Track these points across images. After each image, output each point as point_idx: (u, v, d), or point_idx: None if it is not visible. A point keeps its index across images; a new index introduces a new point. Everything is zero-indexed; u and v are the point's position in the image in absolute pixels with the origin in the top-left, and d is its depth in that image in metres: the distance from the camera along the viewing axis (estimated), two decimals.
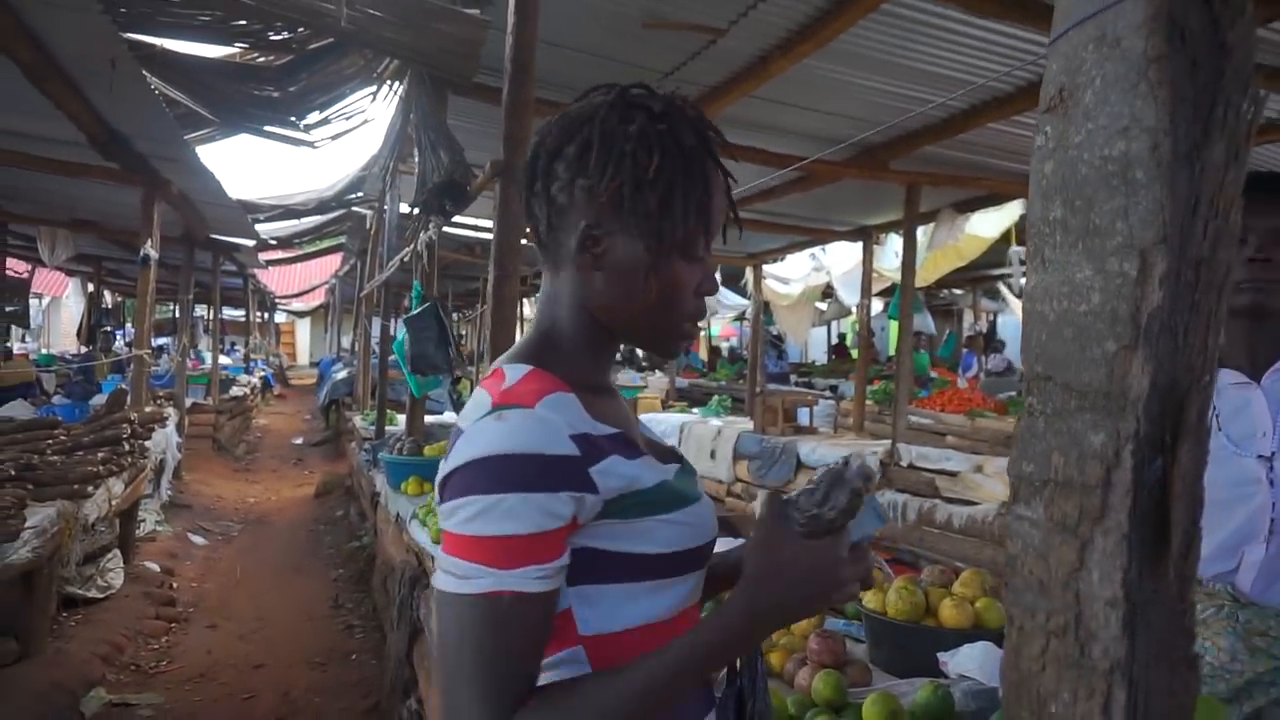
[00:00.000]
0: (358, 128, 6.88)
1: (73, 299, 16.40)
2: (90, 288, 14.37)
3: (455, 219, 5.16)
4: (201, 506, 8.15)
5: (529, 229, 1.00)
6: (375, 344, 8.68)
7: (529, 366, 0.93)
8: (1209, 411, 0.61)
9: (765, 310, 11.38)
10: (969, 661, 1.76)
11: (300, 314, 31.07)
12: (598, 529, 0.88)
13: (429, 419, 6.22)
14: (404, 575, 3.78)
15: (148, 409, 6.79)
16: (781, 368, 14.15)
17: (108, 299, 16.47)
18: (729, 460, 7.06)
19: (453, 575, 0.84)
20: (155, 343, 10.74)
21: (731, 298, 13.92)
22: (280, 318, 30.47)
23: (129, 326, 14.87)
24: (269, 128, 6.59)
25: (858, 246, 8.73)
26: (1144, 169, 0.60)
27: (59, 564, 4.27)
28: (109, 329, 13.92)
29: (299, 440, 13.82)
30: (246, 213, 9.42)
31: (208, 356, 13.44)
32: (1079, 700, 0.61)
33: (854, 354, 13.18)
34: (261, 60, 5.84)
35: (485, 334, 4.15)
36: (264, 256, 14.73)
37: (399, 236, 6.51)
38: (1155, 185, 0.59)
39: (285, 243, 13.87)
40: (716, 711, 1.01)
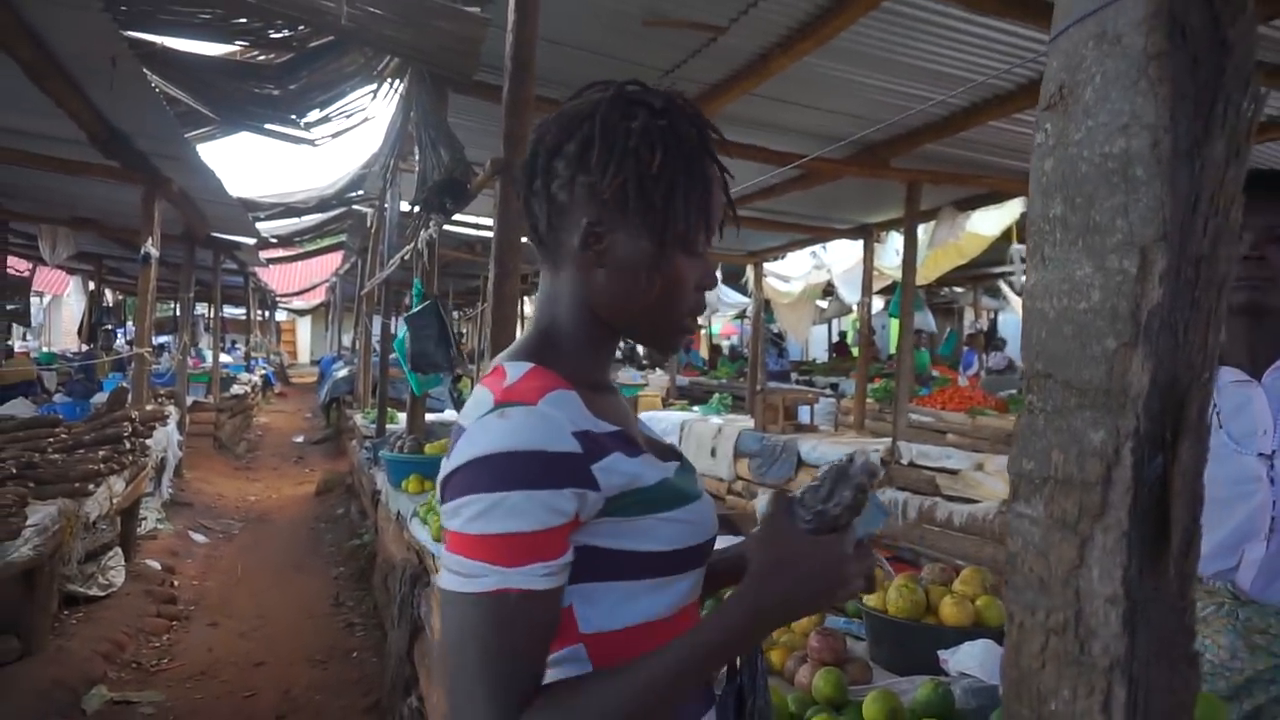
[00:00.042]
0: (358, 126, 6.87)
1: (74, 297, 16.41)
2: (91, 286, 14.38)
3: (456, 217, 5.16)
4: (202, 504, 8.15)
5: (528, 227, 0.99)
6: (376, 342, 8.69)
7: (530, 364, 0.92)
8: (1209, 409, 0.61)
9: (766, 308, 11.37)
10: (969, 659, 1.76)
11: (301, 312, 31.09)
12: (599, 527, 0.88)
13: (430, 417, 6.21)
14: (405, 573, 3.78)
15: (149, 407, 6.79)
16: (782, 366, 14.15)
17: (109, 297, 16.48)
18: (730, 458, 7.06)
19: (457, 574, 0.83)
20: (156, 341, 10.75)
21: (732, 296, 13.91)
22: (281, 316, 30.47)
23: (130, 325, 14.88)
24: (269, 126, 6.58)
25: (858, 244, 8.73)
26: (1144, 166, 0.59)
27: (60, 562, 4.28)
28: (110, 327, 13.93)
29: (300, 438, 13.83)
30: (247, 211, 9.41)
31: (208, 355, 13.45)
32: (1079, 698, 0.61)
33: (855, 352, 13.17)
34: (262, 58, 5.84)
35: (486, 332, 4.15)
36: (265, 255, 14.74)
37: (399, 234, 6.51)
38: (1155, 182, 0.59)
39: (286, 241, 13.87)
40: (716, 709, 1.00)
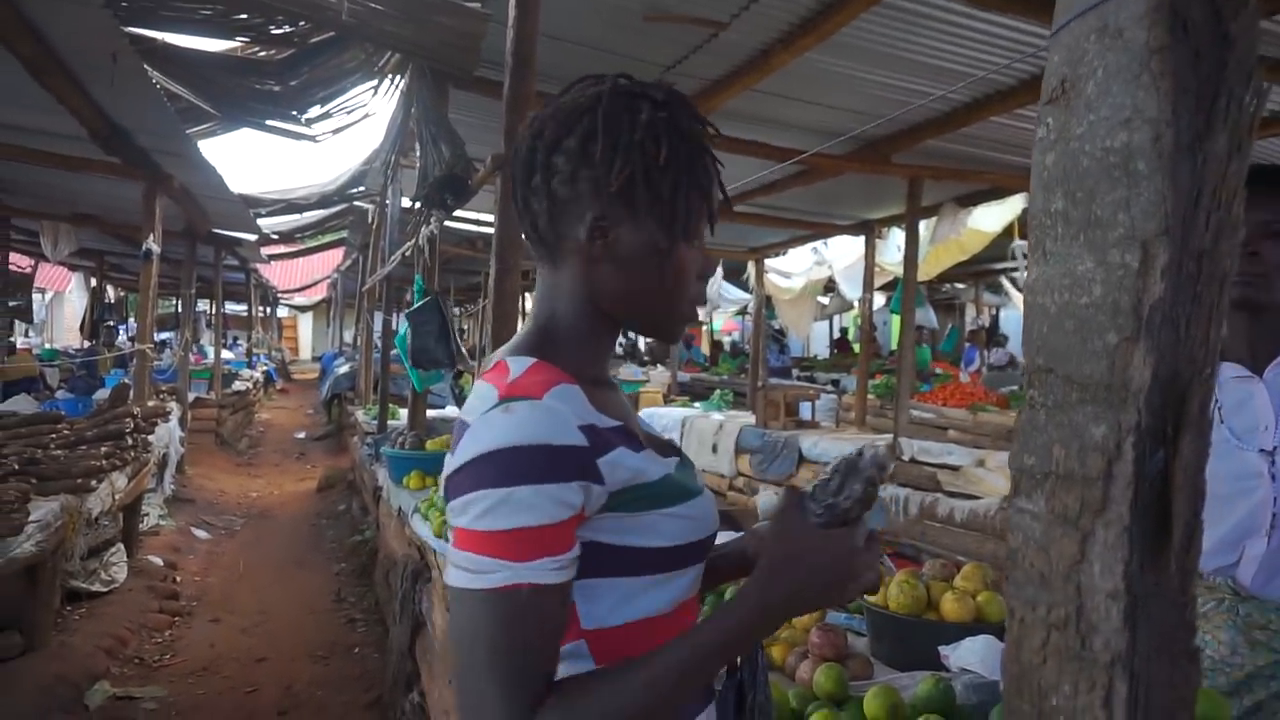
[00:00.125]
0: (359, 122, 6.88)
1: (76, 294, 16.44)
2: (93, 282, 14.39)
3: (457, 213, 5.16)
4: (204, 501, 8.16)
5: (526, 225, 0.99)
6: (377, 338, 8.69)
7: (533, 359, 0.92)
8: (1211, 404, 0.61)
9: (767, 304, 11.36)
10: (970, 655, 1.76)
11: (302, 309, 31.11)
12: (602, 522, 0.88)
13: (431, 413, 6.21)
14: (406, 569, 3.78)
15: (150, 403, 6.79)
16: (783, 362, 14.12)
17: (110, 294, 16.49)
18: (731, 454, 7.07)
19: (466, 570, 0.82)
20: (158, 337, 10.73)
21: (733, 292, 13.90)
22: (282, 312, 30.50)
23: (132, 321, 14.89)
24: (270, 122, 6.59)
25: (860, 241, 8.72)
26: (1146, 160, 0.59)
27: (63, 558, 4.28)
28: (112, 324, 13.93)
29: (301, 435, 13.84)
30: (248, 207, 9.42)
31: (210, 351, 13.45)
32: (1080, 693, 0.61)
33: (856, 348, 13.16)
34: (263, 54, 5.84)
35: (487, 328, 4.15)
36: (266, 251, 14.76)
37: (400, 231, 6.50)
38: (1157, 177, 0.59)
39: (287, 237, 13.89)
40: (717, 704, 1.01)
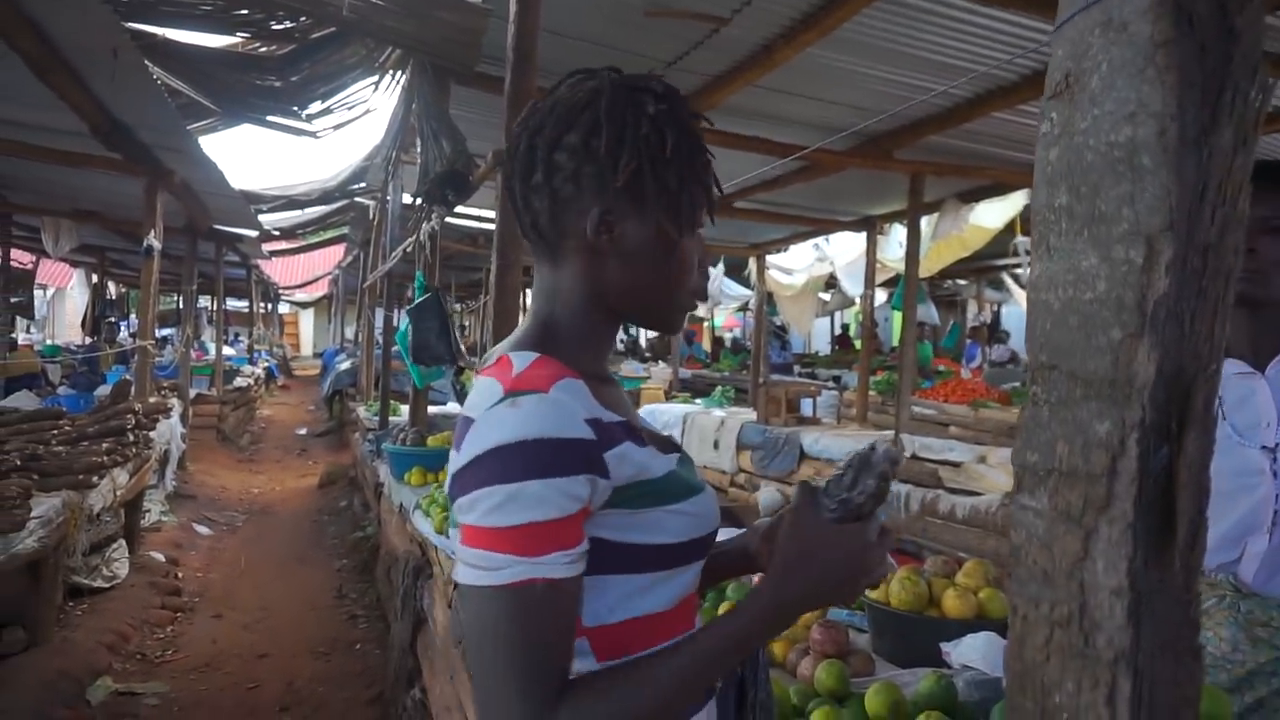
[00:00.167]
0: (360, 118, 6.84)
1: (77, 290, 16.45)
2: (94, 279, 14.39)
3: (458, 209, 5.16)
4: (206, 497, 8.17)
5: (526, 223, 0.98)
6: (379, 335, 8.69)
7: (536, 354, 0.92)
8: (1216, 400, 0.60)
9: (768, 301, 11.36)
10: (972, 652, 1.76)
11: (304, 305, 31.10)
12: (606, 519, 0.87)
13: (433, 409, 6.21)
14: (407, 565, 3.79)
15: (152, 400, 6.80)
16: (785, 358, 14.11)
17: (112, 290, 16.50)
18: (732, 451, 7.07)
19: (477, 568, 0.82)
20: (159, 334, 10.73)
21: (735, 288, 13.89)
22: (284, 308, 30.51)
23: (133, 317, 14.89)
24: (271, 118, 6.57)
25: (861, 237, 8.71)
26: (1151, 155, 0.59)
27: (65, 554, 4.29)
28: (113, 320, 13.94)
29: (303, 431, 13.85)
30: (249, 203, 9.41)
31: (211, 347, 13.46)
32: (1083, 691, 0.61)
33: (857, 344, 13.15)
34: (263, 50, 5.82)
35: (488, 324, 4.15)
36: (267, 247, 14.75)
37: (402, 227, 6.50)
38: (1162, 171, 0.58)
39: (288, 233, 13.88)
40: (718, 701, 1.00)
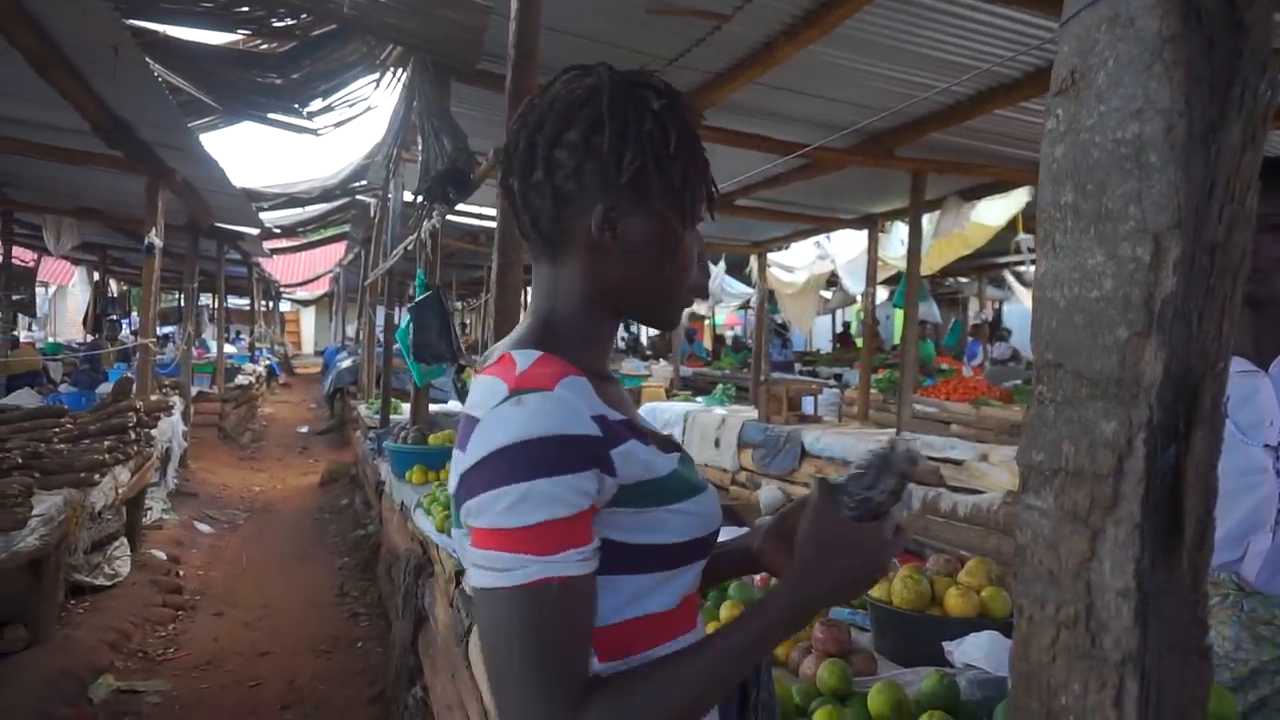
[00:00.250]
0: (361, 115, 6.86)
1: (79, 288, 16.49)
2: (96, 277, 14.39)
3: (459, 207, 5.15)
4: (207, 495, 8.18)
5: (525, 221, 0.97)
6: (380, 333, 8.69)
7: (539, 351, 0.91)
8: (1223, 399, 0.60)
9: (770, 299, 11.35)
10: (974, 650, 1.76)
11: (305, 303, 31.14)
12: (610, 518, 0.87)
13: (434, 408, 6.22)
14: (409, 563, 3.79)
15: (153, 397, 6.81)
16: (786, 356, 14.11)
17: (113, 288, 16.49)
18: (733, 449, 7.06)
19: (491, 570, 0.81)
20: (161, 331, 10.73)
21: (736, 286, 13.88)
22: (285, 306, 30.53)
23: (134, 315, 14.91)
24: (272, 115, 6.57)
25: (863, 234, 8.70)
26: (1158, 152, 0.58)
27: (66, 552, 4.29)
28: (115, 318, 13.95)
29: (304, 429, 13.86)
30: (250, 201, 9.41)
31: (213, 345, 13.47)
32: (1090, 692, 0.60)
33: (859, 342, 13.15)
34: (264, 47, 5.82)
35: (489, 322, 4.14)
36: (268, 245, 14.75)
37: (403, 225, 6.49)
38: (1169, 168, 0.58)
39: (289, 231, 13.89)
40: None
